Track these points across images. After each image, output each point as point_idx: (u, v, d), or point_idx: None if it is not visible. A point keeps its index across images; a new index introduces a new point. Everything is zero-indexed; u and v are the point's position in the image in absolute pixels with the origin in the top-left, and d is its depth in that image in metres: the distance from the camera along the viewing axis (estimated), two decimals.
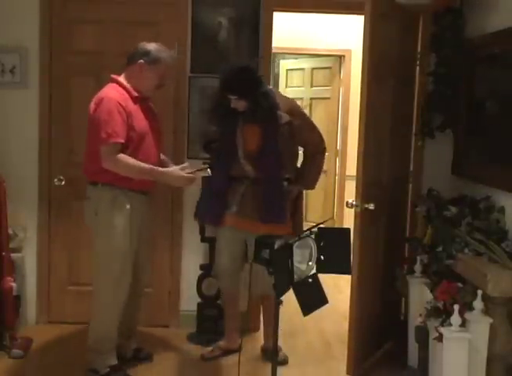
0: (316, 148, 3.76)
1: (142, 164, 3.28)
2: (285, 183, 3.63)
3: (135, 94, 3.35)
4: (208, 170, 3.50)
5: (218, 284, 3.86)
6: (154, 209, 3.62)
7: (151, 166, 3.34)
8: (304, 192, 3.94)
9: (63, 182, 4.10)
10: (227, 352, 3.81)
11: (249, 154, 3.56)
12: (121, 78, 3.36)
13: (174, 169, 3.42)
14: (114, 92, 3.29)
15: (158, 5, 4.08)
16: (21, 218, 4.06)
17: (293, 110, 3.67)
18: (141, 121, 3.34)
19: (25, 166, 4.12)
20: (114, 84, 3.35)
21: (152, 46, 3.36)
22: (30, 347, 3.81)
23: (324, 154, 3.83)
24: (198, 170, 3.46)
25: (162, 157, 3.56)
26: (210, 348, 3.84)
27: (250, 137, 3.55)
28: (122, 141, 3.21)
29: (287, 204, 3.62)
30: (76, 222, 3.99)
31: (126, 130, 3.23)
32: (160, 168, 3.41)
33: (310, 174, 3.77)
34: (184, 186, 3.64)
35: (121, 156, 3.21)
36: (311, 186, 3.86)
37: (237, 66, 3.56)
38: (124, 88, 3.33)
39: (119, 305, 3.39)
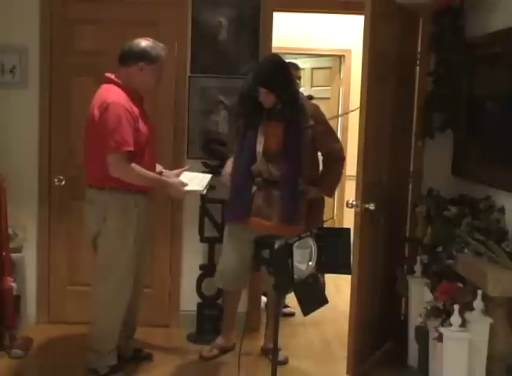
0: (336, 156, 3.72)
1: (150, 173, 3.30)
2: (302, 184, 3.55)
3: (135, 95, 3.32)
4: (198, 187, 3.47)
5: (221, 284, 3.79)
6: (154, 209, 3.62)
7: (157, 176, 3.38)
8: (325, 200, 3.91)
9: (63, 182, 4.11)
10: (225, 350, 3.82)
11: (267, 153, 3.52)
12: (118, 79, 3.31)
13: (175, 181, 3.42)
14: (118, 96, 3.23)
15: (158, 5, 4.09)
16: (21, 218, 4.06)
17: (317, 115, 3.65)
18: (144, 124, 3.32)
19: (25, 166, 4.12)
20: (112, 86, 3.29)
21: (147, 44, 3.31)
22: (30, 347, 3.80)
23: (344, 162, 3.80)
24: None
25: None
26: (208, 348, 3.83)
27: (272, 135, 3.52)
28: (131, 149, 3.18)
29: (303, 206, 3.56)
30: (76, 222, 3.99)
31: (134, 136, 3.20)
32: (165, 179, 3.43)
33: (328, 180, 3.73)
34: (180, 198, 3.64)
35: (133, 165, 3.19)
36: (330, 193, 3.86)
37: (274, 60, 3.56)
38: (123, 89, 3.29)
39: (122, 306, 3.39)
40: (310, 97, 4.54)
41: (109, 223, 3.29)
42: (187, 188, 3.41)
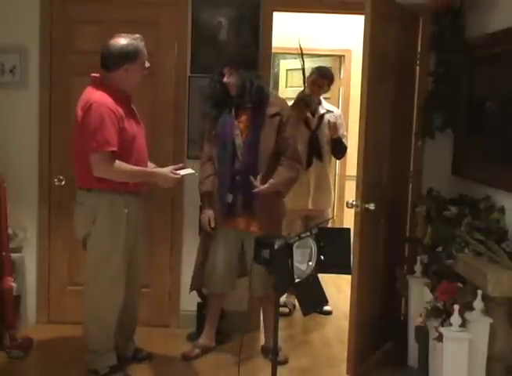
0: (296, 156, 3.65)
1: (134, 168, 3.27)
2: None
3: (121, 94, 3.30)
4: (190, 170, 3.45)
5: (210, 287, 3.80)
6: (154, 209, 3.61)
7: (141, 168, 3.34)
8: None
9: (63, 182, 4.10)
10: (208, 350, 3.83)
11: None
12: (103, 79, 3.29)
13: (162, 170, 3.40)
14: (101, 96, 3.21)
15: (158, 5, 4.09)
16: (21, 218, 4.06)
17: (286, 108, 3.68)
18: (131, 123, 3.31)
19: (25, 166, 4.12)
20: (97, 86, 3.27)
21: (124, 42, 3.25)
22: (30, 347, 3.80)
23: (300, 169, 3.71)
24: (182, 168, 3.45)
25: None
26: (190, 348, 3.83)
27: (243, 124, 3.57)
28: (114, 149, 3.15)
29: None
30: None
31: (118, 136, 3.17)
32: (151, 169, 3.42)
33: (285, 179, 3.59)
34: (171, 187, 3.57)
35: (116, 164, 3.17)
36: (285, 193, 3.68)
37: (241, 43, 3.73)
38: (108, 89, 3.25)
39: (114, 306, 3.38)
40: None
41: (98, 224, 3.28)
42: (180, 172, 3.37)
